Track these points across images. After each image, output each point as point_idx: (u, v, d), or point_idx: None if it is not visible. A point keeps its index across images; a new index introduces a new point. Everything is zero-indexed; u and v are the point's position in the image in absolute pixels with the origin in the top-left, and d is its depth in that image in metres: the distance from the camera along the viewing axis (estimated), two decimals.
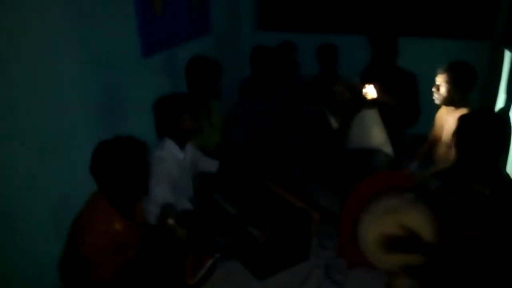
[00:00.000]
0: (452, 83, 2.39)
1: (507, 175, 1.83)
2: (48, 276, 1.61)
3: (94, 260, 1.47)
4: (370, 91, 2.77)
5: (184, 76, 2.46)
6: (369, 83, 3.14)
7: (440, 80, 2.45)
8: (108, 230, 1.53)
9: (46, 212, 1.83)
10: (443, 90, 2.44)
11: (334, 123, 2.96)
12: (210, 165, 2.45)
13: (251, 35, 4.13)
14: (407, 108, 3.03)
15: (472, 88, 2.43)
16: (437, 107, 2.58)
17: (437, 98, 2.49)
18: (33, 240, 1.77)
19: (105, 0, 1.99)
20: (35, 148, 1.73)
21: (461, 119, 1.91)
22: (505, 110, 2.72)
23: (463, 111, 2.27)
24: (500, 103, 2.94)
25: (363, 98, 2.79)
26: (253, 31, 4.13)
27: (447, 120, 2.45)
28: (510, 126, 2.48)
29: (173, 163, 2.11)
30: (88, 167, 1.53)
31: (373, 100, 2.78)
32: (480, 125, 1.85)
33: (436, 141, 2.63)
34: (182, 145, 2.18)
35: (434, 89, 2.49)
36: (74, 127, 1.91)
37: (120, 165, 1.52)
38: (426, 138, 2.77)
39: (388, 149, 2.75)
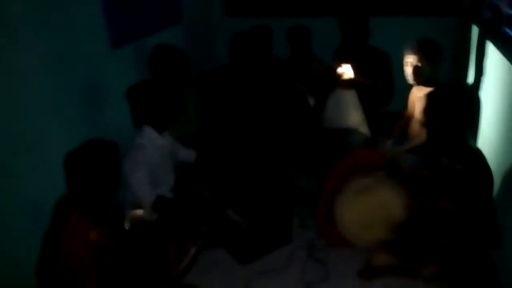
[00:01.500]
0: (418, 60, 2.43)
1: (477, 149, 1.88)
2: (26, 278, 1.59)
3: (74, 273, 1.44)
4: (347, 71, 2.78)
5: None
6: (342, 63, 3.17)
7: (407, 58, 2.49)
8: (84, 241, 1.48)
9: (23, 212, 1.79)
10: (409, 68, 2.48)
11: (311, 101, 2.98)
12: (188, 154, 2.45)
13: (221, 22, 4.09)
14: (382, 87, 3.07)
15: (439, 64, 2.47)
16: (411, 85, 2.62)
17: (407, 76, 2.54)
18: (8, 241, 1.74)
19: None
20: (7, 148, 1.69)
21: (429, 95, 1.95)
22: (474, 85, 2.79)
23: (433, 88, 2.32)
24: (470, 78, 3.01)
25: (338, 78, 2.80)
26: (223, 18, 4.09)
27: (418, 97, 2.50)
28: (478, 101, 2.56)
29: (153, 150, 2.11)
30: (61, 164, 1.50)
31: (349, 80, 2.80)
32: (447, 100, 1.90)
33: (410, 118, 2.69)
34: (160, 132, 2.17)
35: (405, 68, 2.53)
36: (47, 124, 1.86)
37: (93, 173, 1.48)
38: (401, 115, 2.82)
39: (364, 128, 2.79)
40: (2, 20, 1.62)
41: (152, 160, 2.08)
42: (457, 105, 1.87)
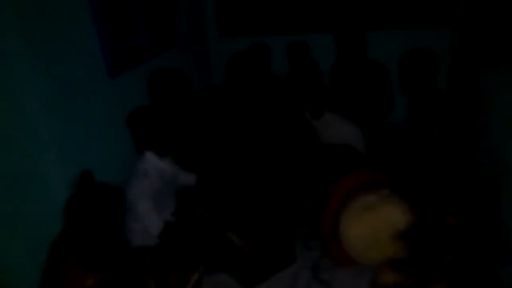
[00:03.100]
0: (413, 72, 2.42)
1: (481, 161, 1.85)
2: None
3: None
4: None
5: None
6: (339, 79, 3.18)
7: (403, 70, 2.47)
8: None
9: (22, 248, 1.77)
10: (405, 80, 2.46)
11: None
12: (188, 178, 2.44)
13: (218, 42, 4.12)
14: (381, 99, 3.07)
15: (437, 74, 2.46)
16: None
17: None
18: (7, 277, 1.72)
19: (63, 24, 1.94)
20: (3, 183, 1.68)
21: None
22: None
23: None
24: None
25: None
26: (219, 39, 4.12)
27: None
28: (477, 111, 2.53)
29: (156, 176, 2.11)
30: (60, 198, 1.50)
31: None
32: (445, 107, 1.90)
33: None
34: (162, 156, 2.18)
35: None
36: (45, 159, 1.84)
37: (93, 221, 1.47)
38: (401, 127, 2.79)
39: (359, 144, 2.76)
40: None
41: (156, 186, 2.08)
42: (455, 112, 1.86)
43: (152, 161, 2.12)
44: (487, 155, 2.28)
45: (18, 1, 1.67)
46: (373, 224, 1.82)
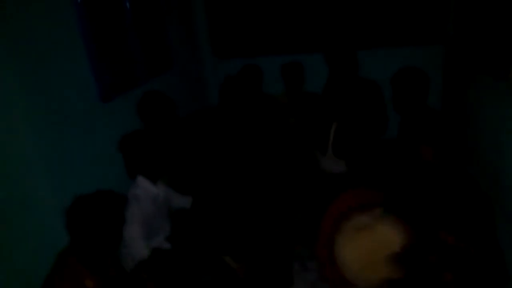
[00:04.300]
0: (403, 91, 2.42)
1: (473, 177, 1.85)
2: None
3: None
4: None
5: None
6: (332, 97, 3.19)
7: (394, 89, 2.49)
8: (78, 287, 1.48)
9: (16, 280, 1.75)
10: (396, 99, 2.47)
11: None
12: (183, 201, 2.42)
13: (212, 64, 4.15)
14: (375, 117, 3.07)
15: (427, 92, 2.47)
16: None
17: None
18: None
19: (54, 50, 1.95)
20: None
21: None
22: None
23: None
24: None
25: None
26: (213, 61, 4.16)
27: None
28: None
29: (148, 200, 2.09)
30: (53, 225, 1.49)
31: None
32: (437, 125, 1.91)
33: None
34: (154, 181, 2.17)
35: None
36: (37, 187, 1.83)
37: (99, 221, 1.52)
38: (395, 143, 2.78)
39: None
40: None
41: (147, 211, 2.06)
42: (446, 130, 1.86)
43: (143, 186, 2.11)
44: (478, 168, 2.28)
45: (9, 27, 1.69)
46: (367, 245, 1.81)
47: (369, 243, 1.82)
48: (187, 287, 1.96)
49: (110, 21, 2.45)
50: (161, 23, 3.16)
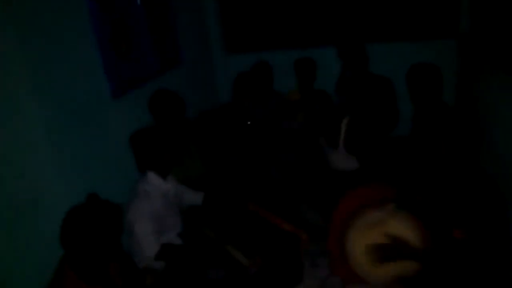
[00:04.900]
0: (416, 87, 2.41)
1: (489, 175, 1.82)
2: None
3: None
4: None
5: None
6: (345, 92, 3.18)
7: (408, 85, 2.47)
8: None
9: (27, 275, 1.76)
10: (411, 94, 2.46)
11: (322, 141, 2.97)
12: (195, 197, 2.43)
13: (223, 60, 4.14)
14: (386, 112, 3.05)
15: (441, 87, 2.44)
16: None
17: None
18: None
19: (66, 47, 1.96)
20: (9, 213, 1.68)
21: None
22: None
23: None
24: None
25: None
26: (224, 56, 4.15)
27: None
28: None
29: (158, 197, 2.10)
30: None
31: None
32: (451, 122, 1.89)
33: None
34: (164, 177, 2.17)
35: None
36: (48, 184, 1.83)
37: (94, 233, 1.47)
38: (406, 140, 2.76)
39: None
40: (1, 75, 1.63)
41: (157, 207, 2.06)
42: (462, 127, 1.83)
43: (154, 182, 2.12)
44: (491, 164, 2.24)
45: (21, 24, 1.69)
46: (379, 241, 1.79)
47: (381, 239, 1.80)
48: (197, 283, 1.97)
49: (122, 17, 2.45)
50: (171, 19, 3.16)
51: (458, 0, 3.45)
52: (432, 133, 1.96)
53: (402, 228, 1.78)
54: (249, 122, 3.02)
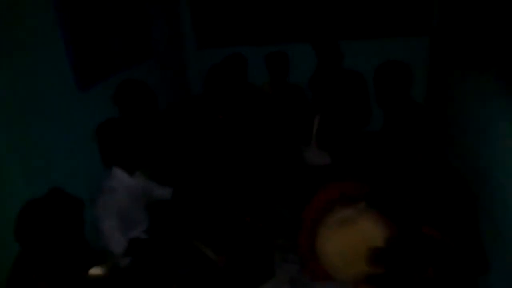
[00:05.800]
0: (385, 85, 2.40)
1: (458, 170, 1.83)
2: None
3: None
4: None
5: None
6: (318, 88, 3.17)
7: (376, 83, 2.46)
8: None
9: None
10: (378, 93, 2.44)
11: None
12: (163, 193, 2.37)
13: (195, 54, 4.08)
14: (358, 108, 3.06)
15: (411, 85, 2.44)
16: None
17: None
18: None
19: (27, 35, 1.86)
20: None
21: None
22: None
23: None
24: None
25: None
26: (195, 50, 4.08)
27: None
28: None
29: (124, 192, 2.02)
30: None
31: None
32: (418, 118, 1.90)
33: None
34: (131, 172, 2.09)
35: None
36: (8, 181, 1.76)
37: (52, 228, 1.38)
38: (379, 135, 2.77)
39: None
40: None
41: (123, 203, 1.99)
42: (428, 123, 1.84)
43: (119, 178, 2.03)
44: (460, 160, 2.27)
45: None
46: (349, 239, 1.79)
47: (351, 237, 1.80)
48: (165, 279, 1.92)
49: (88, 7, 2.36)
50: (142, 11, 3.07)
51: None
52: (400, 130, 1.96)
53: (373, 226, 1.78)
54: (220, 116, 2.96)
